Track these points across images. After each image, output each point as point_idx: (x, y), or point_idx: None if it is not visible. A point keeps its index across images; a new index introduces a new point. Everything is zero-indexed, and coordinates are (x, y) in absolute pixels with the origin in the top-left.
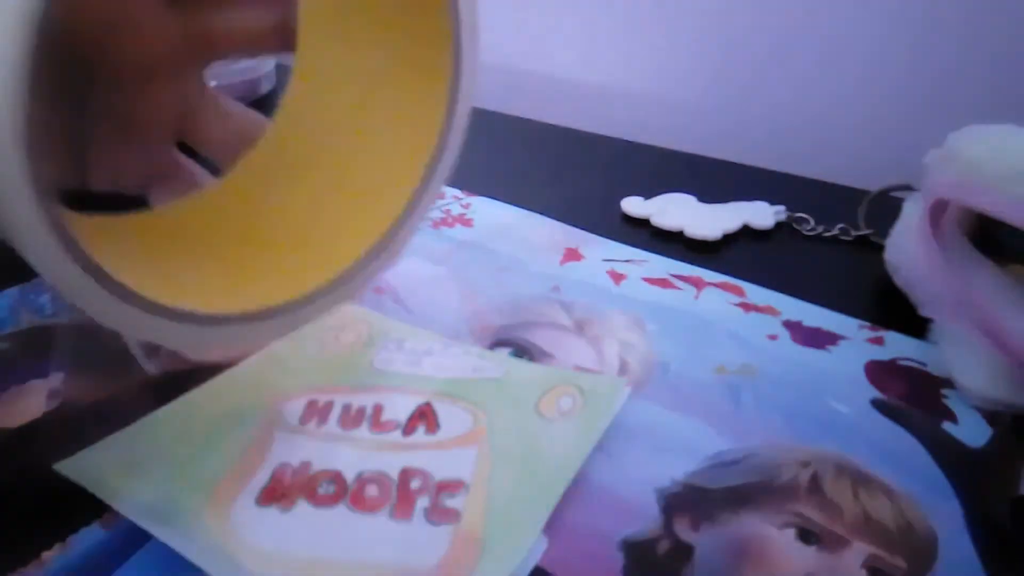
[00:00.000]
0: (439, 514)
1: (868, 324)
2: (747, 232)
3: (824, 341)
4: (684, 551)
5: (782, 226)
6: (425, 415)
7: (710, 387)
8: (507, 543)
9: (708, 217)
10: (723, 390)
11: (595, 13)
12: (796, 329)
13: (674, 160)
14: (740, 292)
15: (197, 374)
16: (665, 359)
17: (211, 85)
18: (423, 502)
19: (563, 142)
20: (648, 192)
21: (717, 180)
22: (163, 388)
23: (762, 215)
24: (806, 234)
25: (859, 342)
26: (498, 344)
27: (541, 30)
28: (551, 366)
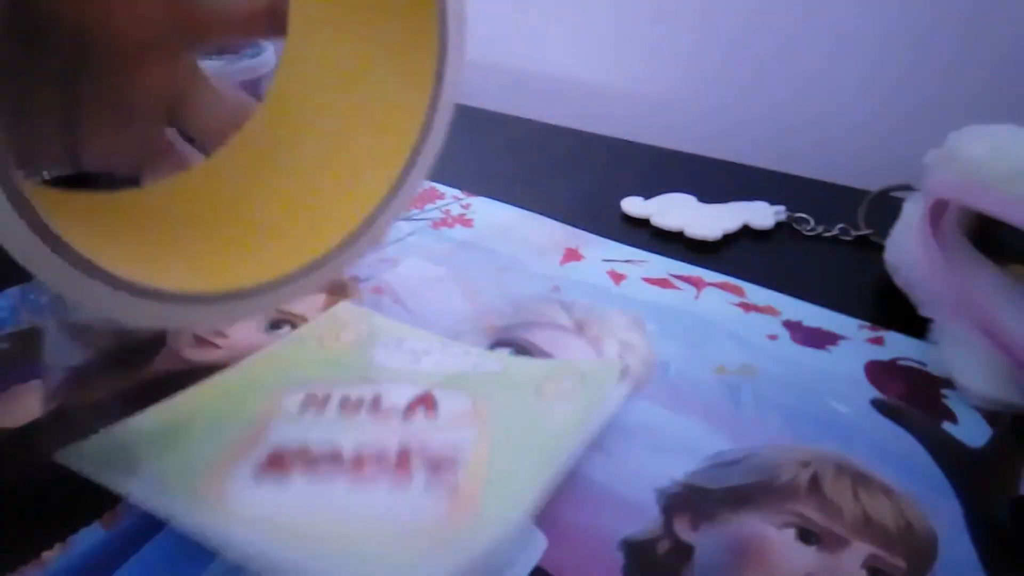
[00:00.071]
0: (437, 483)
1: (868, 324)
2: (747, 232)
3: (824, 341)
4: (684, 551)
5: (782, 226)
6: (425, 401)
7: (710, 387)
8: (505, 504)
9: (708, 217)
10: (723, 390)
11: (595, 13)
12: (796, 329)
13: (674, 160)
14: (740, 292)
15: (196, 374)
16: (665, 359)
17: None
18: (421, 474)
19: (563, 142)
20: (648, 192)
21: (717, 180)
22: (163, 388)
23: (762, 215)
24: (806, 234)
25: (859, 342)
26: (498, 344)
27: (541, 30)
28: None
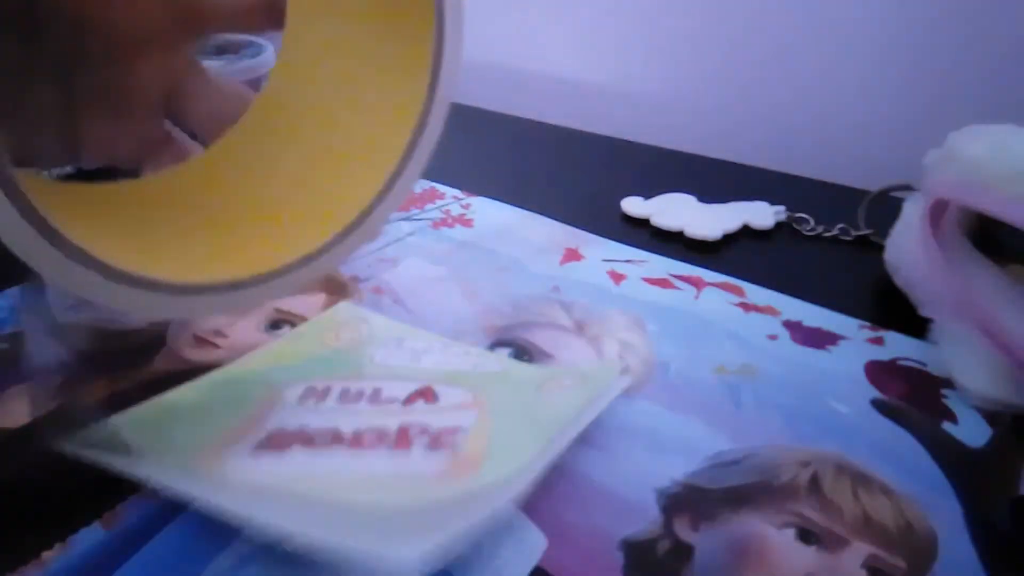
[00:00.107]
0: (437, 450)
1: (868, 324)
2: (747, 232)
3: (824, 341)
4: (684, 551)
5: (782, 226)
6: (424, 394)
7: (710, 387)
8: (506, 466)
9: (708, 217)
10: (723, 390)
11: (595, 13)
12: (796, 329)
13: (674, 160)
14: (740, 292)
15: (196, 374)
16: (665, 359)
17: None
18: (421, 444)
19: (563, 142)
20: (648, 192)
21: (717, 180)
22: (163, 388)
23: (762, 215)
24: (806, 234)
25: (859, 342)
26: (498, 344)
27: (541, 30)
28: (551, 366)
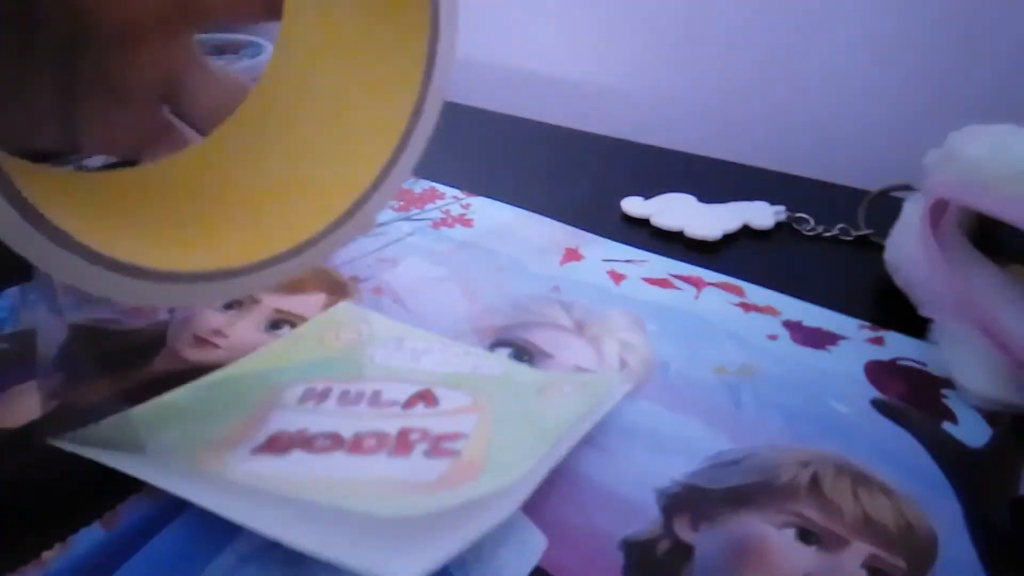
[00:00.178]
0: (438, 452)
1: (868, 324)
2: (747, 232)
3: (824, 341)
4: (684, 551)
5: (782, 226)
6: (425, 397)
7: (710, 387)
8: (506, 468)
9: (708, 217)
10: (723, 390)
11: (595, 13)
12: (796, 329)
13: (674, 160)
14: (740, 292)
15: (195, 374)
16: (665, 359)
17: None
18: (422, 448)
19: (563, 142)
20: (648, 192)
21: (717, 180)
22: (163, 388)
23: (762, 215)
24: (806, 234)
25: (859, 342)
26: (498, 344)
27: (541, 30)
28: (551, 370)
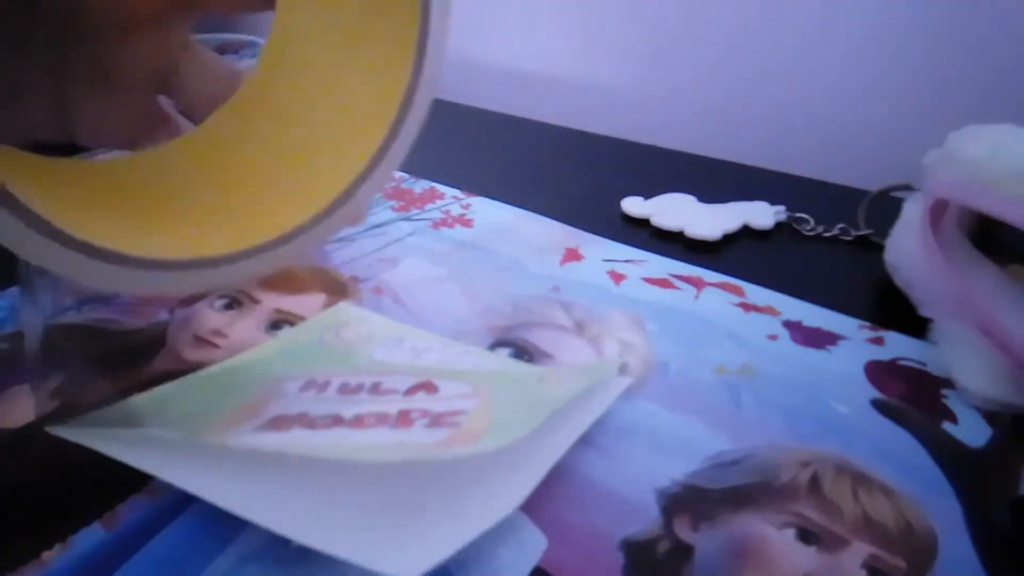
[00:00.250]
0: (439, 424)
1: (868, 324)
2: (747, 232)
3: (824, 341)
4: (684, 551)
5: (782, 226)
6: (425, 386)
7: (710, 387)
8: (506, 432)
9: (708, 217)
10: (723, 390)
11: (595, 13)
12: (796, 329)
13: (674, 160)
14: (740, 292)
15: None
16: (665, 359)
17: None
18: (423, 421)
19: (563, 142)
20: (648, 192)
21: (717, 180)
22: None
23: (762, 215)
24: (806, 234)
25: (859, 342)
26: (498, 344)
27: (541, 30)
28: (551, 367)
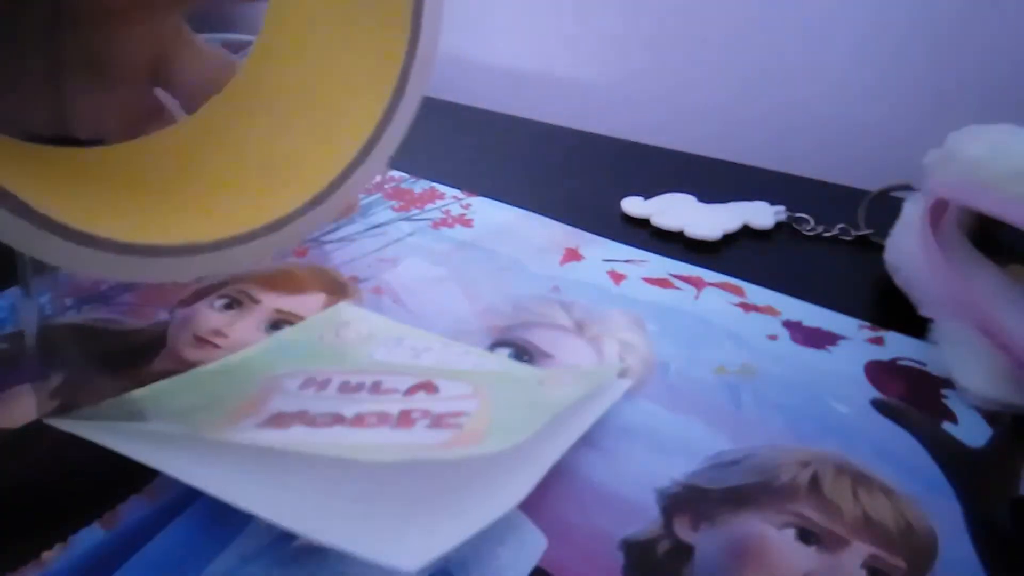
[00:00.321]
0: (441, 425)
1: (868, 324)
2: (747, 232)
3: (824, 341)
4: (684, 551)
5: (782, 226)
6: (425, 386)
7: (710, 387)
8: (509, 434)
9: (708, 217)
10: (723, 390)
11: (595, 13)
12: (796, 329)
13: (674, 160)
14: (740, 292)
15: None
16: (665, 359)
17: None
18: (424, 422)
19: (563, 142)
20: (648, 192)
21: (717, 180)
22: None
23: (762, 215)
24: (806, 234)
25: (859, 342)
26: (498, 344)
27: (541, 30)
28: (551, 367)
